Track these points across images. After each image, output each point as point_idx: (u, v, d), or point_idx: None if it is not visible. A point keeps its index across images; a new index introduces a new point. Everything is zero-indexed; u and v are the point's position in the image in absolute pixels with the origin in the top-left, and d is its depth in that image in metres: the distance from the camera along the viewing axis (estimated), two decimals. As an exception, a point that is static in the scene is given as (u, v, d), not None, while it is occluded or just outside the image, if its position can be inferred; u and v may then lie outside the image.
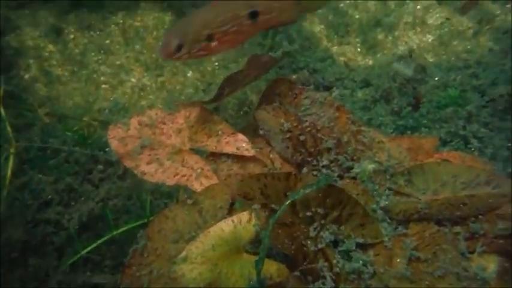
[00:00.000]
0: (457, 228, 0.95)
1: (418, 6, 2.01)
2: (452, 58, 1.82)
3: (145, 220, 1.25)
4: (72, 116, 1.49)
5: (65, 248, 1.27)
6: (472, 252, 0.91)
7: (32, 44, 1.85)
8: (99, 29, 1.96)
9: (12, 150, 1.10)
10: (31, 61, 1.80)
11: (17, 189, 1.29)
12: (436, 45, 1.89)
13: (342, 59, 1.90)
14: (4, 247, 1.19)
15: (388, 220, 0.99)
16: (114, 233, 1.23)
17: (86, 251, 1.23)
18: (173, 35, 1.06)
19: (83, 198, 1.33)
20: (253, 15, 1.10)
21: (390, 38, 1.95)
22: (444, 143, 1.38)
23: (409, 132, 1.43)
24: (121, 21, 1.99)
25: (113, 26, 1.97)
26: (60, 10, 1.94)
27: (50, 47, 1.87)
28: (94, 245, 1.23)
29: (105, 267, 1.28)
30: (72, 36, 1.92)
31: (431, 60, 1.81)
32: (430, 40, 1.91)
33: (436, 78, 1.59)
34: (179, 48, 1.05)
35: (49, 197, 1.31)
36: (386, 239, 0.95)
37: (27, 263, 1.21)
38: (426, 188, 1.02)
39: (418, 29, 1.96)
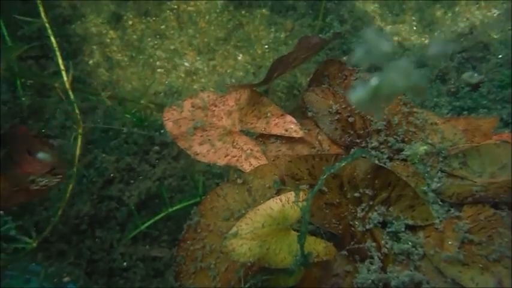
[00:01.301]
0: (515, 213, 0.91)
1: (483, -22, 1.88)
2: (520, 33, 1.69)
3: (198, 199, 1.31)
4: (130, 99, 1.58)
5: (126, 223, 1.37)
6: (530, 238, 0.87)
7: (95, 31, 1.95)
8: (155, 15, 2.03)
9: (80, 130, 1.20)
10: (94, 47, 1.91)
11: (84, 167, 1.41)
12: (502, 20, 1.76)
13: (396, 38, 1.84)
14: (75, 219, 1.30)
15: (440, 202, 0.97)
16: (170, 210, 1.30)
17: (144, 226, 1.31)
18: None
19: (141, 177, 1.42)
20: None
21: (450, 14, 1.85)
22: (506, 124, 1.30)
23: (466, 113, 1.37)
24: (175, 6, 2.05)
25: (167, 11, 2.04)
26: (120, -3, 2.03)
27: (111, 33, 1.97)
28: (152, 221, 1.32)
29: (162, 241, 1.36)
30: (130, 22, 2.00)
31: (495, 36, 1.70)
32: (495, 15, 1.78)
33: (500, 56, 1.49)
34: None
35: (111, 175, 1.41)
36: (437, 221, 0.93)
37: (95, 234, 1.32)
38: (482, 170, 0.98)
39: (483, 3, 1.83)
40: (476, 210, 0.92)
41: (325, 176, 0.82)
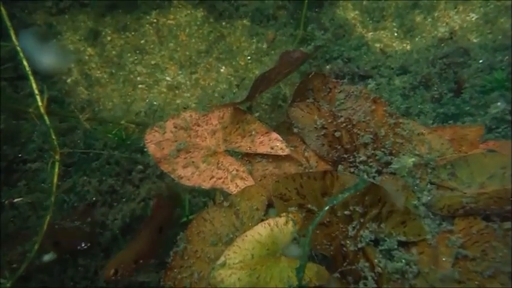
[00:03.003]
0: (507, 224, 0.90)
1: (460, -17, 1.89)
2: (499, 37, 1.70)
3: (185, 219, 1.28)
4: (111, 119, 1.54)
5: (110, 248, 1.33)
6: (524, 250, 0.86)
7: (73, 48, 1.91)
8: (134, 30, 1.99)
9: (57, 157, 1.15)
10: (72, 65, 1.87)
11: (64, 193, 1.36)
12: (480, 24, 1.78)
13: (377, 45, 1.84)
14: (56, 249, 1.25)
15: (431, 216, 0.95)
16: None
17: (130, 250, 1.27)
18: None
19: (124, 199, 1.37)
20: None
21: (429, 19, 1.85)
22: (490, 130, 1.30)
23: (451, 120, 1.36)
24: (155, 20, 2.02)
25: (147, 25, 2.00)
26: (97, 13, 1.98)
27: (89, 50, 1.93)
28: (138, 244, 1.27)
29: (149, 265, 1.32)
30: (109, 38, 1.97)
31: (475, 40, 1.71)
32: (474, 19, 1.80)
33: (481, 61, 1.50)
34: None
35: (93, 198, 1.36)
36: (429, 236, 0.91)
37: (77, 263, 1.27)
38: (471, 181, 0.97)
39: (461, 8, 1.85)
40: (468, 223, 0.90)
41: (326, 208, 0.80)
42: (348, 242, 0.92)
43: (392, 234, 0.92)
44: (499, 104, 1.29)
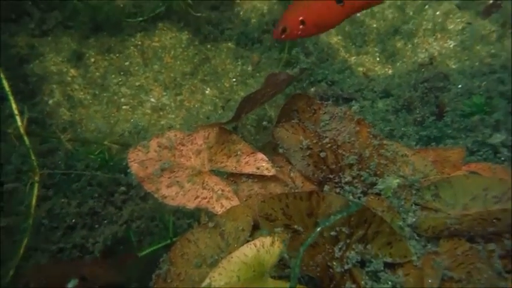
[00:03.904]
0: (491, 246, 0.90)
1: (438, 12, 1.97)
2: (476, 63, 1.77)
3: (169, 241, 1.25)
4: (93, 140, 1.51)
5: (90, 272, 1.28)
6: (509, 272, 0.87)
7: (55, 69, 1.89)
8: (118, 52, 1.99)
9: (36, 178, 1.12)
10: (54, 86, 1.85)
11: (43, 215, 1.32)
12: (458, 51, 1.85)
13: (360, 69, 1.88)
14: (32, 275, 1.20)
15: (417, 237, 0.95)
16: (139, 255, 1.23)
17: (111, 274, 1.23)
18: (280, 22, 1.31)
19: (106, 221, 1.34)
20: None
21: (410, 45, 1.92)
22: (471, 153, 1.33)
23: (433, 143, 1.39)
24: (139, 42, 2.03)
25: (131, 47, 2.01)
26: (81, 35, 1.98)
27: (72, 71, 1.91)
28: (119, 268, 1.24)
29: (130, 289, 1.28)
30: (93, 59, 1.96)
31: (453, 66, 1.77)
32: (451, 46, 1.87)
33: (460, 86, 1.55)
34: (284, 31, 1.30)
35: (73, 220, 1.32)
36: (415, 257, 0.91)
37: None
38: (455, 202, 0.97)
39: (439, 35, 1.92)
40: (453, 245, 0.91)
41: (319, 229, 0.79)
42: (335, 263, 0.91)
43: (379, 255, 0.91)
44: (498, 135, 1.33)
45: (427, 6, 2.01)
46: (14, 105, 1.15)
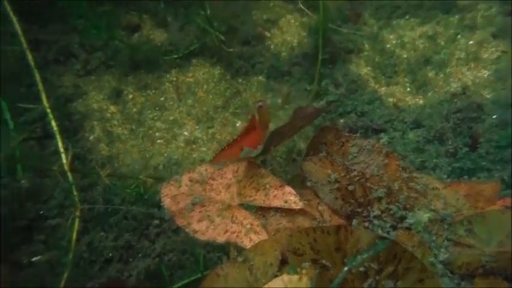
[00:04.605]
0: (530, 284, 0.87)
1: (471, 42, 1.94)
2: (512, 94, 1.72)
3: (199, 275, 1.27)
4: (129, 174, 1.58)
5: (124, 305, 1.31)
6: (549, 312, 0.82)
7: (97, 107, 2.00)
8: (154, 88, 2.09)
9: (77, 213, 1.18)
10: (95, 123, 1.95)
11: (83, 249, 1.37)
12: (492, 81, 1.80)
13: (390, 100, 1.87)
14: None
15: (450, 274, 0.92)
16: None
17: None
18: None
19: (140, 255, 1.38)
20: None
21: (442, 75, 1.89)
22: (507, 186, 1.28)
23: (466, 175, 1.35)
24: (174, 78, 2.11)
25: (167, 83, 2.10)
26: (121, 73, 2.10)
27: (112, 108, 2.02)
28: (151, 302, 1.26)
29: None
30: (131, 96, 2.06)
31: (488, 96, 1.73)
32: (486, 75, 1.83)
33: (494, 116, 1.51)
34: None
35: (110, 254, 1.37)
36: (449, 296, 0.88)
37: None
38: (490, 238, 0.94)
39: (472, 65, 1.89)
40: (489, 283, 0.87)
41: (345, 269, 0.80)
42: (364, 300, 0.89)
43: (410, 292, 0.89)
44: None
45: (459, 36, 1.99)
46: (59, 144, 1.23)
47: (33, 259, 1.30)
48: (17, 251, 1.34)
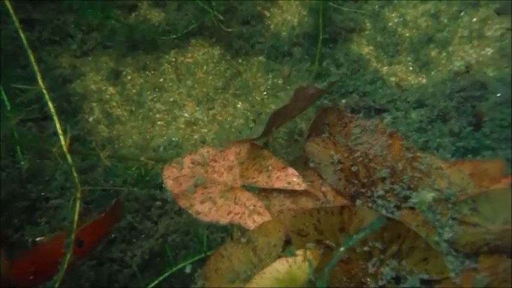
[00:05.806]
0: (535, 262, 0.87)
1: (474, 19, 1.91)
2: (517, 71, 1.70)
3: (203, 255, 1.27)
4: (130, 156, 1.57)
5: (129, 286, 1.32)
6: (553, 290, 0.83)
7: (95, 88, 1.98)
8: (153, 69, 2.06)
9: (78, 195, 1.17)
10: (94, 104, 1.93)
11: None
12: (497, 59, 1.78)
13: (393, 79, 1.85)
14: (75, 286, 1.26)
15: (454, 253, 0.92)
16: (174, 269, 1.26)
17: (148, 288, 1.27)
18: None
19: (143, 236, 1.38)
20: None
21: (444, 54, 1.87)
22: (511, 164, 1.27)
23: (470, 154, 1.35)
24: (173, 59, 2.08)
25: (166, 64, 2.07)
26: (118, 54, 2.06)
27: (110, 89, 1.99)
28: (156, 281, 1.27)
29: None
30: (129, 77, 2.03)
31: (492, 74, 1.71)
32: (489, 53, 1.80)
33: (499, 94, 1.49)
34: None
35: (113, 235, 1.37)
36: (453, 274, 0.88)
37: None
38: (495, 217, 0.94)
39: (476, 43, 1.86)
40: (494, 261, 0.87)
41: (343, 249, 0.79)
42: (369, 279, 0.89)
43: (414, 271, 0.89)
44: None
45: (462, 13, 1.95)
46: (58, 125, 1.22)
47: (37, 239, 1.30)
48: (21, 231, 1.34)
